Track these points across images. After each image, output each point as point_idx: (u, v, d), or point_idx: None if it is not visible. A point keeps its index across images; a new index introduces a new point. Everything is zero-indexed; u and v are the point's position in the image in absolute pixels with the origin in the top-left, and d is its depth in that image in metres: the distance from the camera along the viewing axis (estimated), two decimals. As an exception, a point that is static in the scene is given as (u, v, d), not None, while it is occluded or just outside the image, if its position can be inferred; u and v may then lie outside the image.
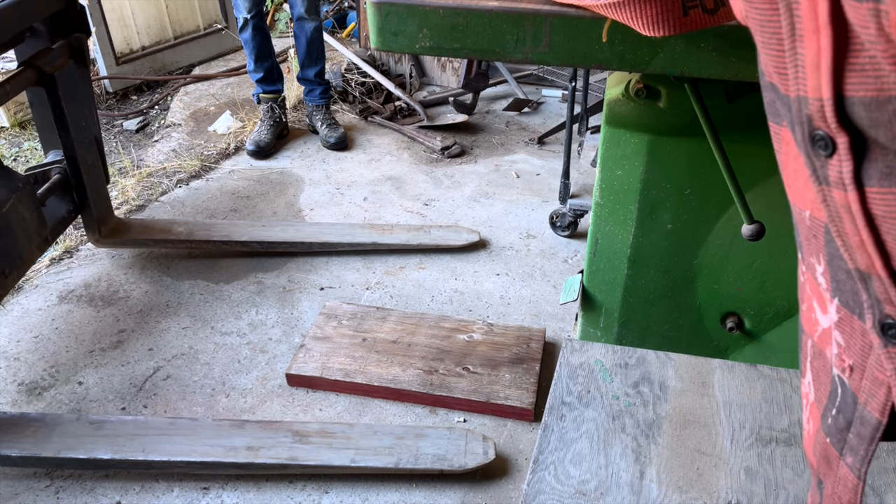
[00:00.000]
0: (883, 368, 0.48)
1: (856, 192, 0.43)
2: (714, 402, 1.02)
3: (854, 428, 0.53)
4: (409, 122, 3.42)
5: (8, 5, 1.69)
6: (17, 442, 1.61)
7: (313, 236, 2.42)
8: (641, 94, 1.27)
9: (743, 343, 1.51)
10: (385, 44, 1.01)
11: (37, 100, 2.16)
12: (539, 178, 2.95)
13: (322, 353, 1.93)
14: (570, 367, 1.08)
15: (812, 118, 0.43)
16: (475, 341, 1.97)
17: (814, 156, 0.45)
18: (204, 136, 3.27)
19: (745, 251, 1.39)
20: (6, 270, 1.81)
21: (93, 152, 2.19)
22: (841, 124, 0.42)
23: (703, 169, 1.30)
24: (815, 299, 0.54)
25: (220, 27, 4.09)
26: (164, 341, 2.06)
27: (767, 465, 0.92)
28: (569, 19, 0.94)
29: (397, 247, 2.43)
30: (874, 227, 0.43)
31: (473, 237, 2.48)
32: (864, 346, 0.49)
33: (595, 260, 1.49)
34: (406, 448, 1.63)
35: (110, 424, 1.67)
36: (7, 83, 1.77)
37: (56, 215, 2.11)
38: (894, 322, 0.45)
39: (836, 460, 0.56)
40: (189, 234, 2.38)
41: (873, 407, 0.50)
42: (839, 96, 0.41)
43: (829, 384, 0.55)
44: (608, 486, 0.90)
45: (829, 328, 0.53)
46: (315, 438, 1.65)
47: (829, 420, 0.56)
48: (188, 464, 1.60)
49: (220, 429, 1.67)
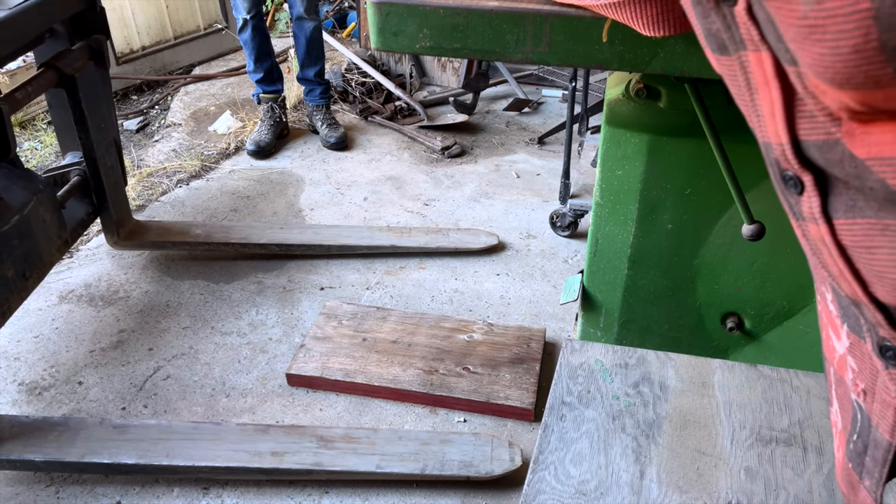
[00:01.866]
0: (888, 390, 0.49)
1: (826, 224, 0.46)
2: (714, 403, 1.02)
3: (869, 451, 0.54)
4: (409, 122, 3.42)
5: (30, 7, 1.68)
6: (41, 447, 1.60)
7: (331, 239, 2.41)
8: (642, 95, 1.27)
9: (743, 343, 1.51)
10: (385, 44, 1.01)
11: (56, 101, 2.16)
12: (539, 178, 2.95)
13: (322, 353, 1.93)
14: (571, 367, 1.08)
15: (779, 161, 0.47)
16: (475, 341, 1.97)
17: (787, 194, 0.48)
18: (204, 136, 3.27)
19: (746, 251, 1.38)
20: (27, 273, 1.81)
21: (112, 154, 2.18)
22: (803, 164, 0.45)
23: (704, 169, 1.30)
24: (830, 327, 0.56)
25: (220, 27, 4.09)
26: (164, 341, 2.06)
27: (767, 466, 0.92)
28: (569, 19, 0.94)
29: (416, 250, 2.42)
30: (848, 257, 0.46)
31: (492, 240, 2.47)
32: (873, 370, 0.50)
33: (595, 260, 1.49)
34: (432, 454, 1.61)
35: (134, 429, 1.66)
36: (28, 84, 1.76)
37: (75, 217, 2.10)
38: (891, 345, 0.46)
39: (857, 484, 0.56)
40: (207, 237, 2.38)
41: (884, 429, 0.51)
42: (795, 140, 0.45)
43: (851, 410, 0.55)
44: (608, 486, 0.90)
45: (844, 354, 0.54)
46: (340, 444, 1.63)
47: (850, 445, 0.56)
48: (213, 469, 1.59)
49: (244, 433, 1.66)
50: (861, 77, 0.36)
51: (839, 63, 0.37)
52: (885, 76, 0.35)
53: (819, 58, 0.38)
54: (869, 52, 0.35)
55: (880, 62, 0.35)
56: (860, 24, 0.34)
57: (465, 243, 2.44)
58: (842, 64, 0.36)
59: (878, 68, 0.35)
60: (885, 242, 0.43)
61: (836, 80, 0.38)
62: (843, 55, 0.36)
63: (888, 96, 0.37)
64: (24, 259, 1.79)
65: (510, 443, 1.65)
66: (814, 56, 0.38)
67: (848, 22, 0.35)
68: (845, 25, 0.35)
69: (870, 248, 0.44)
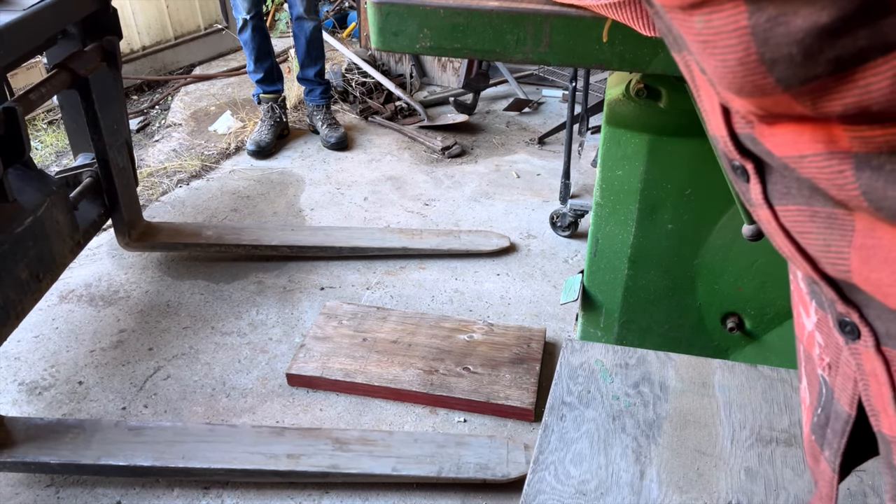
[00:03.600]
0: (849, 363, 0.51)
1: (768, 210, 0.49)
2: (714, 403, 1.02)
3: (830, 423, 0.56)
4: (409, 122, 3.42)
5: (44, 8, 1.67)
6: (56, 449, 1.59)
7: (343, 241, 2.40)
8: (642, 95, 1.27)
9: (743, 343, 1.51)
10: (385, 44, 1.01)
11: (67, 102, 2.15)
12: (539, 179, 2.95)
13: (322, 353, 1.93)
14: (571, 367, 1.08)
15: (726, 152, 0.50)
16: (475, 341, 1.97)
17: (738, 182, 0.51)
18: (204, 136, 3.27)
19: (746, 251, 1.38)
20: (40, 275, 1.80)
21: (123, 155, 2.18)
22: (743, 154, 0.48)
23: (704, 169, 1.30)
24: (801, 304, 0.58)
25: (220, 27, 4.09)
26: (165, 341, 2.06)
27: (768, 466, 0.92)
28: (569, 19, 0.94)
29: (428, 252, 2.41)
30: (794, 239, 0.49)
31: (503, 242, 2.46)
32: (837, 344, 0.53)
33: (595, 260, 1.49)
34: (448, 457, 1.61)
35: (149, 431, 1.65)
36: (42, 86, 1.76)
37: (88, 219, 2.10)
38: (848, 320, 0.49)
39: (819, 455, 0.58)
40: (219, 238, 2.37)
41: (844, 401, 0.53)
42: (733, 133, 0.48)
43: (817, 385, 0.57)
44: (608, 486, 0.90)
45: (812, 331, 0.56)
46: (355, 446, 1.63)
47: (815, 418, 0.58)
48: (229, 471, 1.58)
49: (260, 436, 1.65)
50: (750, 87, 0.40)
51: (730, 74, 0.40)
52: (768, 85, 0.39)
53: (714, 69, 0.41)
54: (752, 65, 0.38)
55: (762, 73, 0.38)
56: (741, 39, 0.38)
57: (477, 245, 2.43)
58: (732, 75, 0.40)
59: (761, 78, 0.39)
60: (812, 228, 0.46)
61: (731, 89, 0.41)
62: (732, 67, 0.40)
63: (776, 103, 0.40)
64: (38, 260, 1.78)
65: (526, 445, 1.65)
66: (711, 68, 0.42)
67: (731, 38, 0.38)
68: (729, 41, 0.38)
69: (802, 233, 0.47)
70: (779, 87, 0.38)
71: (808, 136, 0.41)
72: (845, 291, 0.47)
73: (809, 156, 0.42)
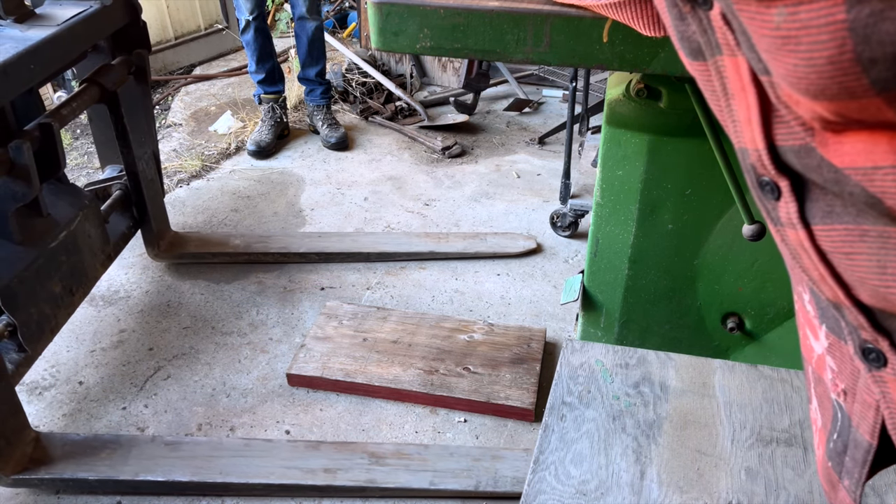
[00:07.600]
0: (871, 391, 0.49)
1: (804, 230, 0.45)
2: (715, 403, 1.02)
3: (849, 451, 0.54)
4: (409, 122, 3.42)
5: (78, 23, 1.67)
6: (93, 465, 1.57)
7: (370, 247, 2.40)
8: (642, 95, 1.27)
9: (744, 343, 1.51)
10: (386, 44, 1.01)
11: (96, 115, 2.15)
12: (540, 179, 2.95)
13: (323, 353, 1.93)
14: (571, 367, 1.08)
15: (755, 167, 0.46)
16: (476, 341, 1.97)
17: (764, 200, 0.48)
18: (205, 136, 3.27)
19: (746, 251, 1.38)
20: (73, 288, 1.80)
21: (151, 167, 2.18)
22: (779, 170, 0.45)
23: (704, 169, 1.30)
24: (808, 327, 0.56)
25: (220, 27, 4.09)
26: (165, 341, 2.06)
27: (768, 466, 0.92)
28: (569, 19, 0.94)
29: (454, 255, 2.40)
30: (829, 262, 0.45)
31: (531, 244, 2.45)
32: (854, 371, 0.50)
33: (596, 260, 1.49)
34: (484, 470, 1.60)
35: (186, 445, 1.64)
36: (72, 101, 1.76)
37: (118, 231, 2.10)
38: (873, 347, 0.46)
39: (837, 483, 0.56)
40: (247, 248, 2.38)
41: (864, 430, 0.51)
42: (772, 145, 0.44)
43: (830, 409, 0.55)
44: (609, 487, 0.90)
45: (823, 354, 0.54)
46: (391, 460, 1.62)
47: (830, 444, 0.56)
48: (266, 486, 1.57)
49: (296, 450, 1.64)
50: (836, 88, 0.36)
51: (814, 74, 0.36)
52: (861, 87, 0.35)
53: (793, 69, 0.37)
54: (844, 64, 0.34)
55: (856, 73, 0.34)
56: (835, 35, 0.34)
57: (504, 248, 2.43)
58: (816, 75, 0.36)
59: (853, 80, 0.35)
60: (863, 248, 0.42)
61: (810, 91, 0.38)
62: (818, 67, 0.36)
63: (863, 107, 0.36)
64: (71, 275, 1.78)
65: None
66: (787, 67, 0.38)
67: (822, 33, 0.34)
68: (820, 37, 0.35)
69: (849, 254, 0.44)
70: (872, 89, 0.35)
71: (884, 146, 0.38)
72: (878, 318, 0.45)
73: (886, 167, 0.38)
